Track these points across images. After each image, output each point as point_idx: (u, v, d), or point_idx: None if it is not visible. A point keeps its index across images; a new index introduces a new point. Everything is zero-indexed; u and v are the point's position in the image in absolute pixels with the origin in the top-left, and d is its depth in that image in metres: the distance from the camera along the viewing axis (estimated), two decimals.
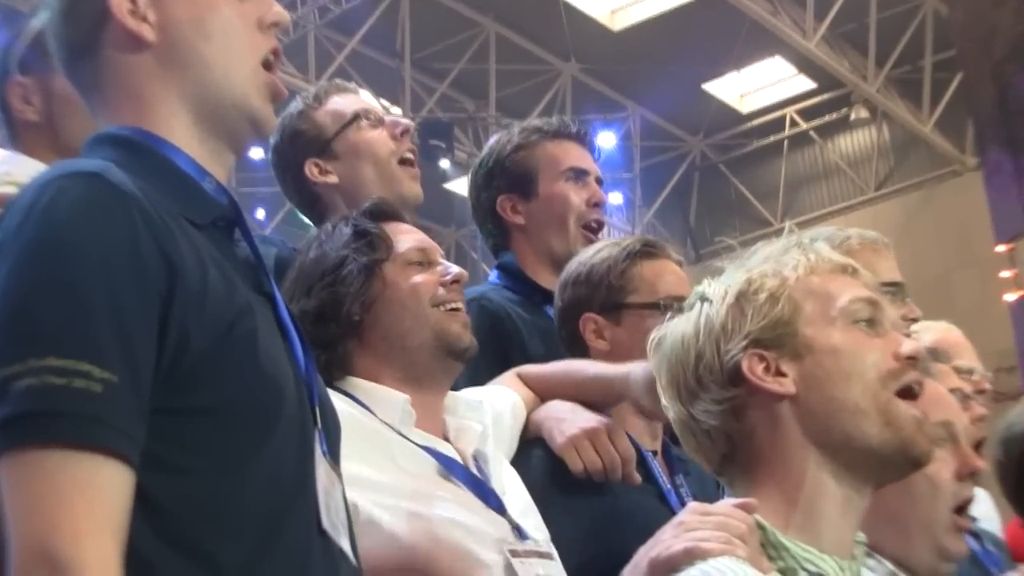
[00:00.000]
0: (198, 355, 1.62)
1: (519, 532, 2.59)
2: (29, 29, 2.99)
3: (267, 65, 1.96)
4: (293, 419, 1.78)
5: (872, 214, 19.34)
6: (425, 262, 2.78)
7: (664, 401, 2.11)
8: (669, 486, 3.00)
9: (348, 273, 2.65)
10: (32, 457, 1.47)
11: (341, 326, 2.56)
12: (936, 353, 2.85)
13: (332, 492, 1.88)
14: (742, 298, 2.02)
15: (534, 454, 2.92)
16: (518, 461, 2.88)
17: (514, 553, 2.49)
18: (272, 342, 1.80)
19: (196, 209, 1.81)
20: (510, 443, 2.89)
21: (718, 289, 2.07)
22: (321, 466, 1.85)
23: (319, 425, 1.89)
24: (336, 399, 2.26)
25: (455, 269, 2.83)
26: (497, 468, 2.75)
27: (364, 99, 3.88)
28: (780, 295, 2.01)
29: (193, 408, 1.62)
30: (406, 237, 2.82)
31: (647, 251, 2.96)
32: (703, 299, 2.09)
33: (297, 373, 1.86)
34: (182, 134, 1.90)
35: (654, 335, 2.14)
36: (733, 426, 2.01)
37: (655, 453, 3.03)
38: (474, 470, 2.61)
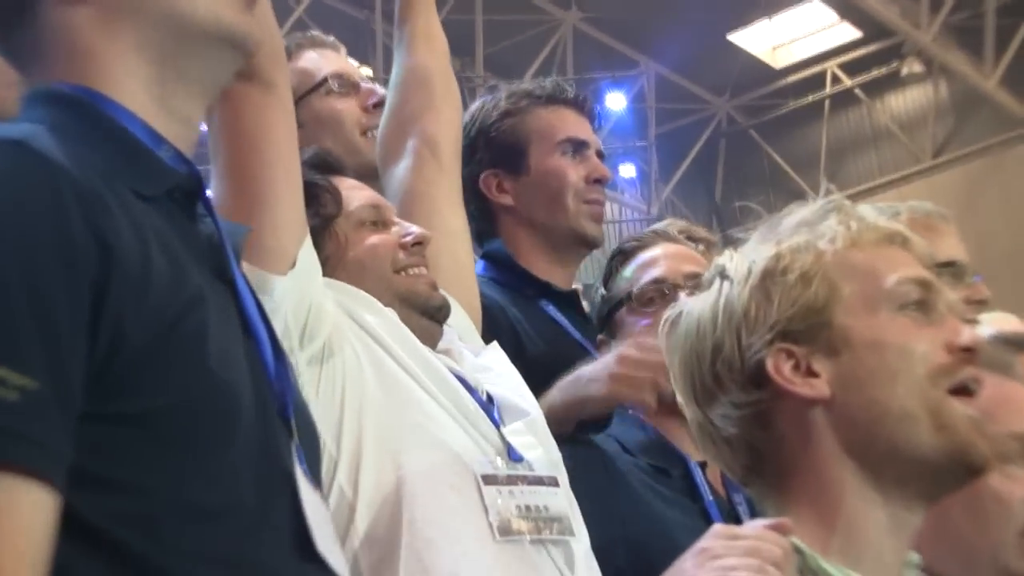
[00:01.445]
0: (134, 353, 1.36)
1: (510, 451, 2.39)
2: None
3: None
4: (251, 432, 1.50)
5: (929, 186, 17.57)
6: (380, 221, 2.62)
7: (679, 398, 1.93)
8: (711, 498, 2.85)
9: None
10: None
11: None
12: (1018, 342, 2.43)
13: (320, 514, 1.61)
14: (768, 279, 1.77)
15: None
16: None
17: (485, 478, 2.27)
18: (229, 339, 1.55)
19: (146, 179, 1.57)
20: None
21: (741, 266, 1.84)
22: (303, 483, 1.59)
23: (295, 439, 1.65)
24: None
25: (415, 229, 2.64)
26: (497, 379, 2.58)
27: (340, 59, 3.43)
28: (813, 275, 1.77)
29: (127, 415, 1.36)
30: (356, 194, 2.66)
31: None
32: (723, 276, 1.85)
33: (261, 377, 1.61)
34: (139, 94, 1.64)
35: (668, 314, 1.96)
36: (757, 434, 1.78)
37: (704, 464, 2.89)
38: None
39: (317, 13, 16.64)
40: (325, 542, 1.62)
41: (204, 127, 2.12)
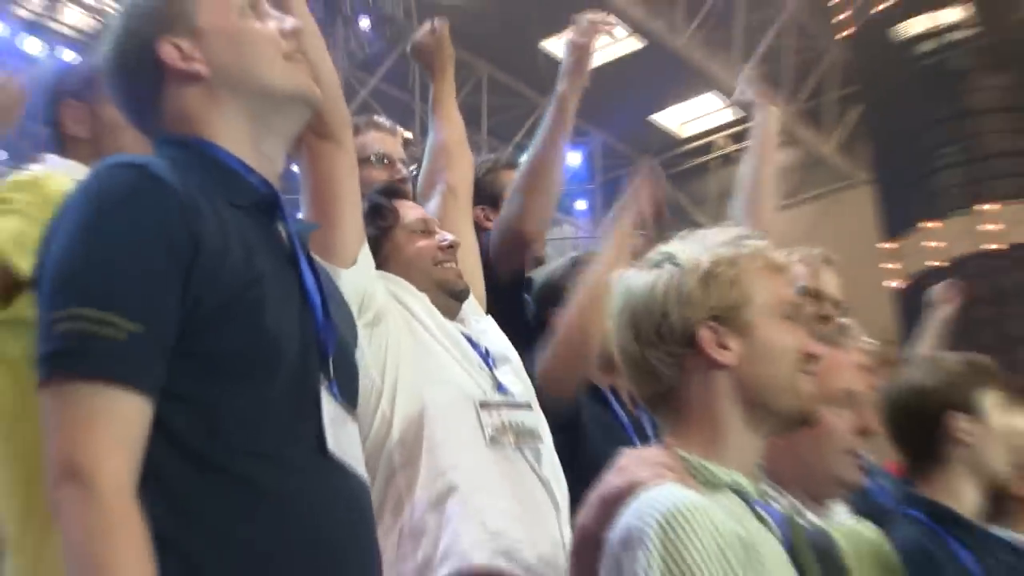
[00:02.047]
0: (208, 312, 1.88)
1: (499, 387, 3.09)
2: (83, 65, 3.37)
3: (289, 57, 2.23)
4: (294, 369, 2.00)
5: (783, 221, 20.89)
6: (426, 231, 3.30)
7: (618, 333, 2.34)
8: (628, 420, 3.48)
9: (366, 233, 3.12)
10: (65, 388, 1.76)
11: None
12: (848, 331, 3.19)
13: (342, 427, 2.11)
14: (709, 276, 2.24)
15: None
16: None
17: (482, 404, 2.97)
18: (285, 307, 2.04)
19: (238, 194, 2.08)
20: None
21: (688, 260, 2.27)
22: (328, 404, 2.07)
23: (331, 374, 2.12)
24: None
25: (450, 236, 3.32)
26: (492, 339, 3.30)
27: (389, 142, 4.18)
28: (738, 283, 2.25)
29: (202, 353, 1.88)
30: (412, 211, 3.36)
31: None
32: (673, 262, 2.28)
33: (310, 333, 2.08)
34: (236, 141, 2.17)
35: (621, 274, 2.40)
36: (676, 375, 2.25)
37: (612, 389, 3.54)
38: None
39: (377, 96, 19.89)
40: (340, 446, 2.08)
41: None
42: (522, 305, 3.95)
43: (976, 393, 3.39)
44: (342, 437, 2.07)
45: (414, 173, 4.09)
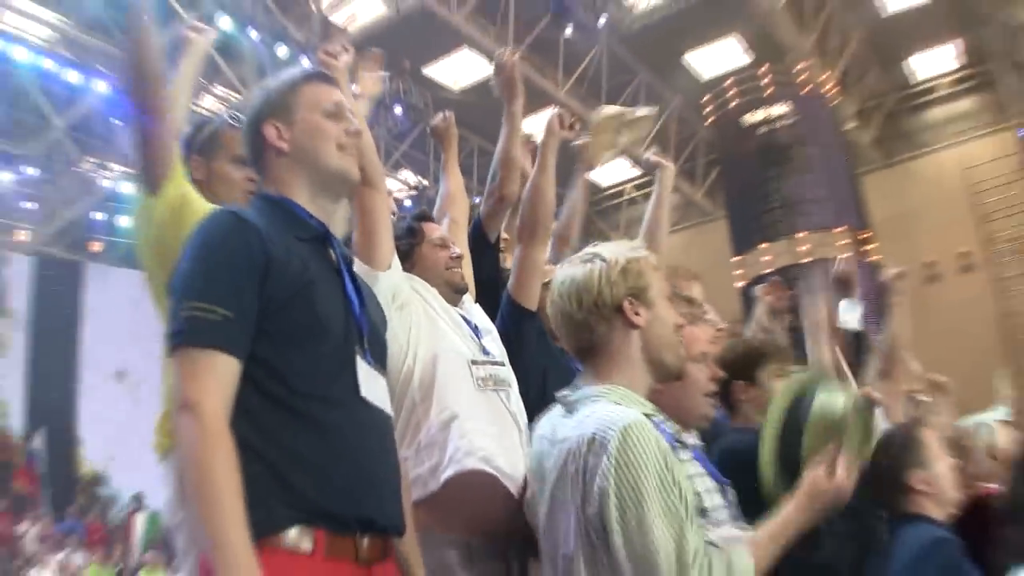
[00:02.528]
0: (277, 304, 2.47)
1: (484, 351, 3.76)
2: (207, 127, 3.90)
3: (342, 148, 2.83)
4: (337, 340, 2.59)
5: (670, 241, 25.21)
6: (443, 245, 3.97)
7: (562, 303, 2.90)
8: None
9: (400, 247, 3.82)
10: (186, 353, 2.31)
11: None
12: (704, 316, 3.83)
13: (372, 380, 2.68)
14: (625, 268, 2.84)
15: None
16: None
17: (472, 362, 3.65)
18: (331, 300, 2.62)
19: (302, 230, 2.66)
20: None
21: (611, 258, 2.86)
22: (362, 367, 2.65)
23: (365, 345, 2.68)
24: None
25: (458, 250, 4.01)
26: (479, 319, 3.96)
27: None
28: (643, 274, 2.87)
29: (274, 330, 2.46)
30: (435, 231, 4.02)
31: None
32: (600, 258, 2.87)
33: (351, 318, 2.66)
34: (303, 197, 2.78)
35: (565, 263, 2.97)
36: (606, 332, 2.82)
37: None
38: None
39: (404, 157, 24.23)
40: (370, 392, 2.61)
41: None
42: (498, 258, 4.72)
43: (758, 367, 4.25)
44: (372, 386, 2.64)
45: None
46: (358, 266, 3.25)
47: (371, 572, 2.50)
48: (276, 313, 2.45)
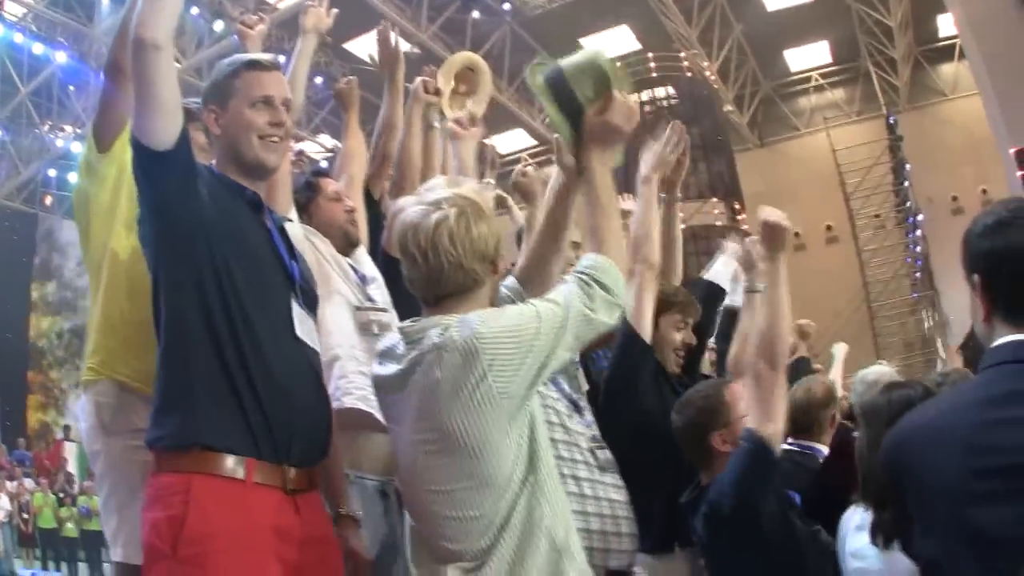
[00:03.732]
0: (220, 247, 2.68)
1: (369, 298, 3.96)
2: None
3: (262, 138, 2.93)
4: (274, 286, 2.84)
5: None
6: (339, 199, 4.16)
7: (429, 255, 2.64)
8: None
9: (298, 199, 4.00)
10: None
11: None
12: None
13: (305, 321, 2.89)
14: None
15: None
16: None
17: (358, 308, 3.86)
18: (263, 249, 2.91)
19: (239, 197, 2.95)
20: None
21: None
22: (296, 308, 2.86)
23: (298, 292, 2.87)
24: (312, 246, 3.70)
25: (351, 203, 4.19)
26: (367, 268, 4.12)
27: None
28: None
29: (222, 268, 2.66)
30: (330, 185, 4.22)
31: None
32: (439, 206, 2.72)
33: (282, 267, 2.93)
34: (233, 175, 3.00)
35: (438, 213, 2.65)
36: (460, 276, 2.68)
37: None
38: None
39: (323, 122, 25.90)
40: (303, 332, 2.83)
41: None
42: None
43: (659, 315, 4.26)
44: (304, 327, 2.85)
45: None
46: None
47: (296, 501, 2.71)
48: (222, 260, 2.74)
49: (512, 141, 30.82)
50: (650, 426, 3.95)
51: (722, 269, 5.15)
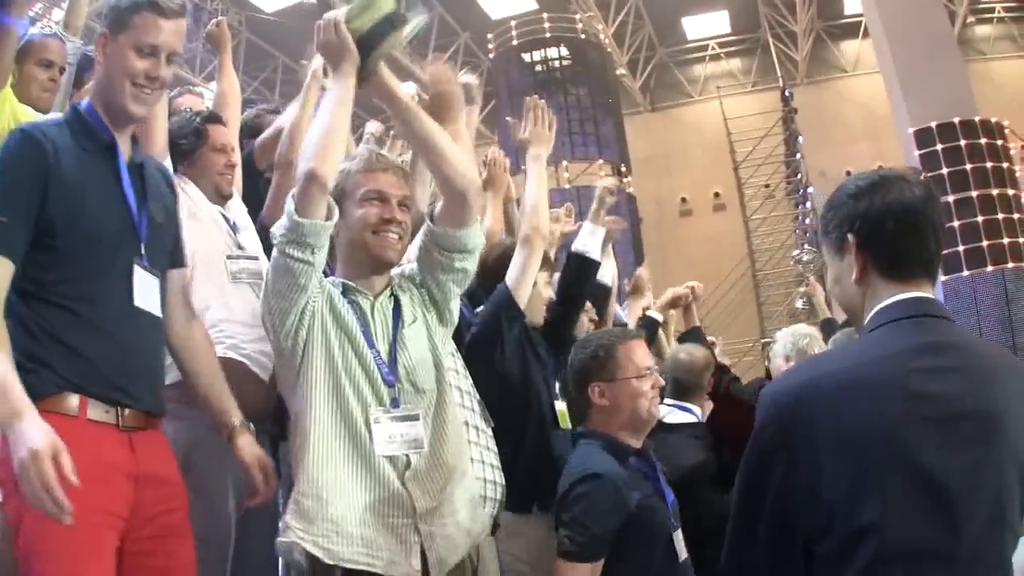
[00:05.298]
0: (55, 218, 2.73)
1: (239, 246, 4.07)
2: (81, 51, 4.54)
3: (134, 84, 2.92)
4: (111, 245, 2.79)
5: None
6: (224, 151, 4.31)
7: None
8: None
9: (184, 145, 4.17)
10: None
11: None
12: None
13: (147, 286, 2.89)
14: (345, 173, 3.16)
15: None
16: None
17: (228, 257, 3.94)
18: (108, 210, 2.84)
19: (91, 142, 2.88)
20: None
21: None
22: (139, 274, 2.85)
23: (142, 251, 2.87)
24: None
25: (236, 159, 4.41)
26: (239, 216, 4.21)
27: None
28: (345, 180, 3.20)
29: (53, 240, 2.72)
30: (219, 136, 4.36)
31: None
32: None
33: (128, 218, 2.90)
34: (101, 111, 2.97)
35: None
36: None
37: None
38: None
39: (204, 60, 23.89)
40: (144, 300, 2.83)
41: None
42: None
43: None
44: (147, 292, 2.86)
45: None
46: None
47: (132, 438, 2.82)
48: (52, 224, 2.74)
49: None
50: (509, 388, 4.15)
51: (590, 239, 5.07)
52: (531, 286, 4.31)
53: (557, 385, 4.49)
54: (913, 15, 15.64)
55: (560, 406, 4.45)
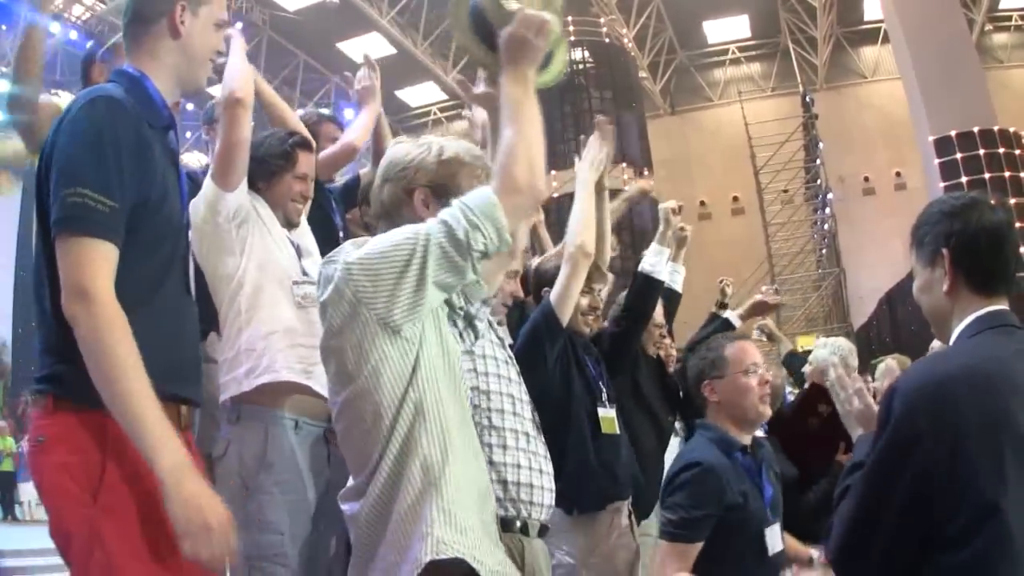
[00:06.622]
0: (146, 205, 2.58)
1: (304, 272, 3.90)
2: (110, 42, 4.31)
3: (211, 60, 2.87)
4: (174, 235, 2.73)
5: None
6: (304, 181, 4.16)
7: (386, 188, 2.81)
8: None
9: (269, 166, 4.02)
10: (73, 239, 2.38)
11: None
12: None
13: (192, 275, 2.85)
14: (445, 162, 2.83)
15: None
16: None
17: (295, 283, 3.82)
18: (173, 198, 2.72)
19: (154, 118, 2.70)
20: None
21: (442, 146, 2.82)
22: (191, 263, 2.82)
23: (190, 234, 2.80)
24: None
25: (309, 190, 4.18)
26: (304, 240, 4.08)
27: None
28: (456, 176, 2.83)
29: (133, 226, 2.56)
30: (305, 163, 4.19)
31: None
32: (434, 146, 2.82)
33: (181, 206, 2.81)
34: (165, 82, 2.80)
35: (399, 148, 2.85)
36: (397, 202, 2.79)
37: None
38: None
39: None
40: (193, 288, 2.77)
41: None
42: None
43: None
44: (192, 281, 2.85)
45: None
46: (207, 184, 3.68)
47: (185, 435, 2.72)
48: (143, 207, 2.62)
49: (423, 95, 31.48)
50: (551, 400, 4.15)
51: (657, 259, 5.10)
52: (574, 302, 4.39)
53: (604, 393, 4.59)
54: (933, 22, 15.88)
55: (605, 412, 4.52)
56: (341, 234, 4.61)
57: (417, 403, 2.51)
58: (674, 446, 5.37)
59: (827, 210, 28.82)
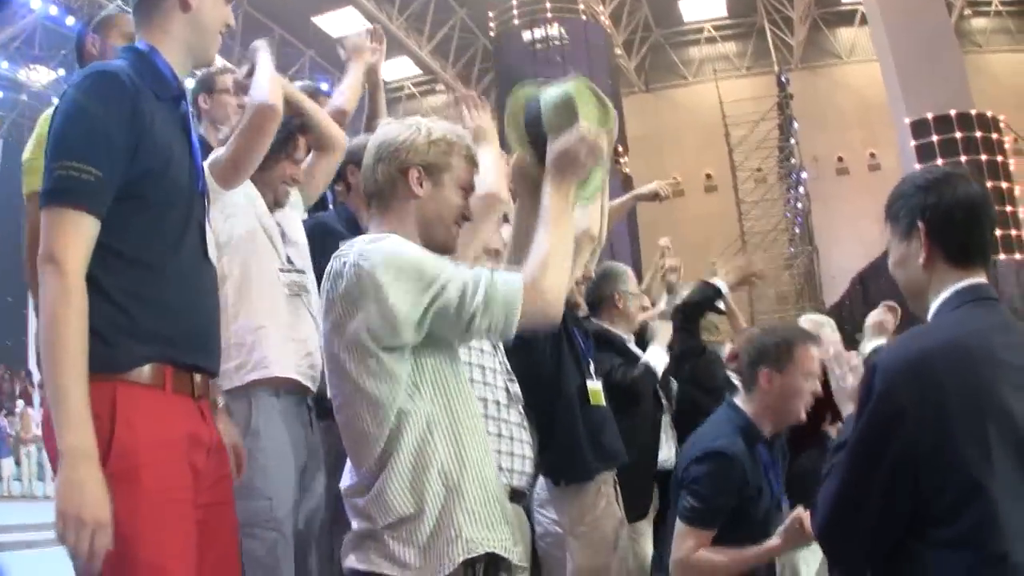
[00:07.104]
0: (148, 173, 2.59)
1: (290, 261, 3.92)
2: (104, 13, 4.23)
3: (220, 32, 2.87)
4: (185, 201, 2.72)
5: None
6: (298, 165, 4.15)
7: (379, 168, 2.84)
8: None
9: (272, 148, 3.79)
10: (55, 210, 2.43)
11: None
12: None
13: (211, 240, 2.87)
14: (434, 142, 2.86)
15: None
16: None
17: (281, 269, 3.82)
18: (183, 166, 2.71)
19: (162, 89, 2.71)
20: None
21: (429, 127, 2.87)
22: (208, 229, 2.85)
23: (207, 202, 2.86)
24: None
25: (301, 175, 4.17)
26: (290, 228, 4.05)
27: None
28: (448, 154, 2.87)
29: (138, 194, 2.57)
30: (301, 147, 4.17)
31: None
32: (421, 126, 2.85)
33: (194, 173, 2.79)
34: (176, 55, 2.81)
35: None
36: (386, 186, 2.82)
37: None
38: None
39: None
40: (211, 253, 2.80)
41: None
42: None
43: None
44: (211, 246, 2.86)
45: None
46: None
47: (199, 404, 2.76)
48: (143, 177, 2.62)
49: (397, 69, 31.39)
50: (541, 376, 4.35)
51: (659, 362, 5.44)
52: (571, 283, 3.93)
53: (591, 366, 4.73)
54: (913, 5, 15.93)
55: (593, 385, 4.66)
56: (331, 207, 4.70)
57: (422, 392, 2.61)
58: None
59: (800, 189, 28.93)
